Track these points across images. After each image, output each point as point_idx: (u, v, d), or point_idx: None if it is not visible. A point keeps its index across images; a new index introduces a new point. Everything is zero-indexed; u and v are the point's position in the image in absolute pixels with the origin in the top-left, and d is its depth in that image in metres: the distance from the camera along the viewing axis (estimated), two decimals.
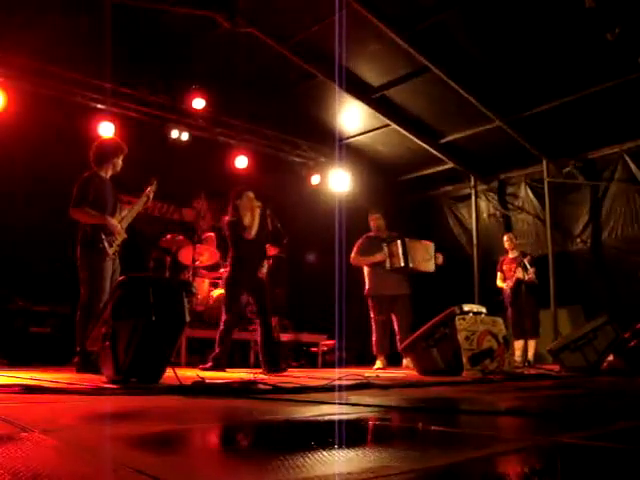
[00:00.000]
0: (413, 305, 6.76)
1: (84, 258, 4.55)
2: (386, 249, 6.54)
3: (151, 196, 4.98)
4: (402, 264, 6.45)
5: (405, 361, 6.49)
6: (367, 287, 6.70)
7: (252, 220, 5.40)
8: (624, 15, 5.46)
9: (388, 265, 6.50)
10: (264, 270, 5.55)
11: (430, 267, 6.66)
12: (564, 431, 1.64)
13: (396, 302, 6.55)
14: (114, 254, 4.64)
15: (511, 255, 7.50)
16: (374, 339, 6.65)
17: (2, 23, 5.55)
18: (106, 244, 4.55)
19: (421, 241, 6.76)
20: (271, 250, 6.15)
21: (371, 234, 6.86)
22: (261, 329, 5.31)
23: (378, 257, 6.57)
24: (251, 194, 5.53)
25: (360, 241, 6.80)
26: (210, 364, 5.19)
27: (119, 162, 4.89)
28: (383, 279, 6.57)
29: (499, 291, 7.57)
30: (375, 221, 6.86)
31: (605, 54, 6.26)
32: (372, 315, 6.67)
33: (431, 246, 6.73)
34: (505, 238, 7.62)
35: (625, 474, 1.11)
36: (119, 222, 4.74)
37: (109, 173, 4.87)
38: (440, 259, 6.72)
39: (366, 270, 6.74)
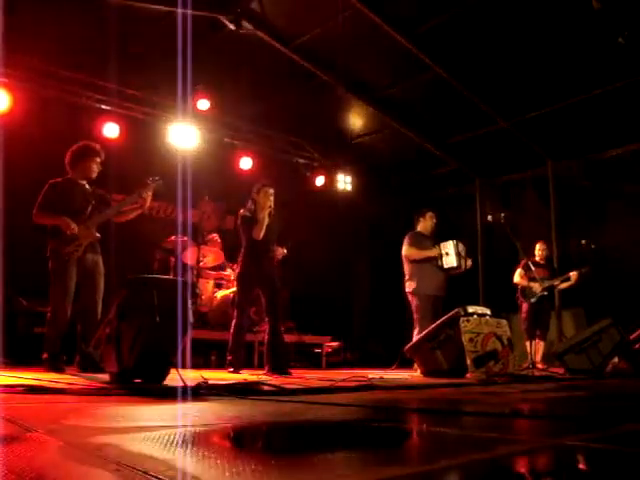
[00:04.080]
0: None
1: (49, 261, 4.66)
2: (438, 248, 6.42)
3: (147, 197, 4.85)
4: (455, 264, 6.32)
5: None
6: (414, 285, 6.38)
7: (262, 219, 5.29)
8: (631, 17, 5.45)
9: (440, 263, 6.36)
10: (279, 254, 5.48)
11: (470, 263, 6.57)
12: (570, 433, 1.63)
13: (436, 304, 6.31)
14: (73, 253, 4.61)
15: (539, 259, 7.49)
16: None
17: (7, 25, 5.56)
18: (57, 244, 4.60)
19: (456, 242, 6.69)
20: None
21: (419, 231, 6.66)
22: (270, 329, 5.27)
23: (434, 252, 6.39)
24: (270, 191, 5.39)
25: (411, 235, 6.58)
26: (231, 368, 5.19)
27: (92, 166, 4.86)
28: (433, 278, 6.37)
29: (505, 291, 7.57)
30: (430, 219, 6.68)
31: (611, 56, 6.24)
32: (416, 315, 6.32)
33: (461, 244, 6.60)
34: (538, 247, 7.57)
35: (632, 477, 1.10)
36: (85, 222, 4.71)
37: (81, 177, 4.87)
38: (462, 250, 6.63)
39: (414, 268, 6.46)
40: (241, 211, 5.47)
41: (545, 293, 7.23)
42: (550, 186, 8.69)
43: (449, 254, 6.36)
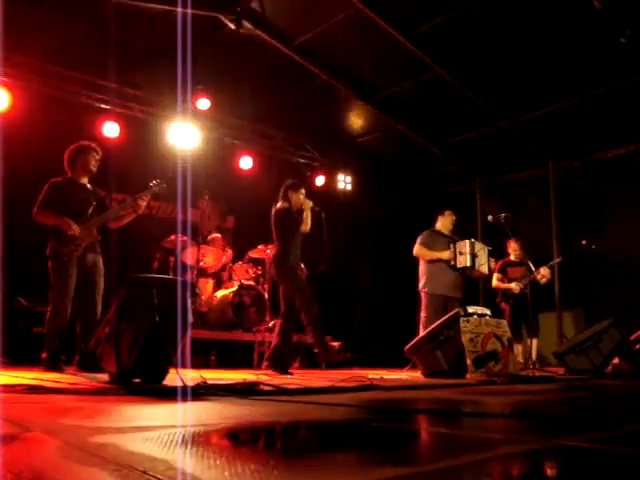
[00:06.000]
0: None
1: (49, 261, 4.67)
2: (452, 247, 6.27)
3: (142, 202, 4.88)
4: (468, 264, 6.15)
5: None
6: (424, 283, 6.30)
7: (307, 216, 5.41)
8: (632, 17, 5.44)
9: (453, 263, 6.21)
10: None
11: (486, 270, 6.41)
12: (569, 434, 1.63)
13: (449, 305, 6.11)
14: (72, 253, 4.62)
15: (514, 259, 7.47)
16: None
17: (8, 23, 5.56)
18: (57, 244, 4.61)
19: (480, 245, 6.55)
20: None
21: (435, 229, 6.57)
22: (280, 329, 5.33)
23: (445, 254, 6.24)
24: (304, 191, 5.59)
25: (424, 234, 6.48)
26: (269, 365, 5.22)
27: (90, 160, 4.87)
28: (444, 278, 6.23)
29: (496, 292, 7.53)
30: (449, 216, 6.58)
31: (611, 56, 6.24)
32: (423, 313, 6.23)
33: (486, 250, 6.48)
34: (511, 246, 7.57)
35: (632, 478, 1.10)
36: (86, 223, 4.71)
37: (81, 176, 4.88)
38: (493, 263, 6.51)
39: (426, 265, 6.37)
40: (277, 205, 5.50)
41: (526, 290, 7.17)
42: (550, 186, 8.68)
43: (462, 253, 6.20)
